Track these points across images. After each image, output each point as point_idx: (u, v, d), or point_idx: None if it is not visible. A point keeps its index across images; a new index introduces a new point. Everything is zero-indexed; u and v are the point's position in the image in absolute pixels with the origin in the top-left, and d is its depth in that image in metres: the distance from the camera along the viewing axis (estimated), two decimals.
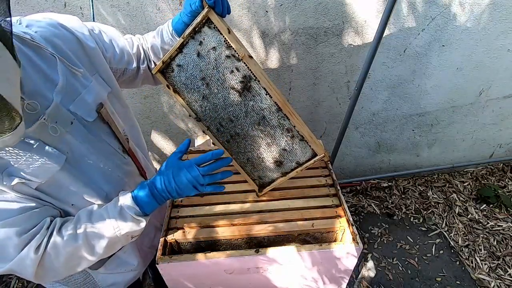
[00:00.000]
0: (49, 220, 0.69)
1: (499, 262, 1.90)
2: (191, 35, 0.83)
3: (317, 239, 1.00)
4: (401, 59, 1.78)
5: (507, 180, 2.42)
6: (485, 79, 1.94)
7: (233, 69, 0.84)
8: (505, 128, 2.28)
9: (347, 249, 0.90)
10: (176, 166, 0.78)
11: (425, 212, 2.23)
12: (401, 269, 1.90)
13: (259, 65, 0.85)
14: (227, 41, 0.81)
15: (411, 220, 2.20)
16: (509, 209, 2.20)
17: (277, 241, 0.99)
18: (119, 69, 0.89)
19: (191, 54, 0.86)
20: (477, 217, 2.16)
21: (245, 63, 0.82)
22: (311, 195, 1.07)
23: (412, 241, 2.06)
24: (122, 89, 0.93)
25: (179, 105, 1.83)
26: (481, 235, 2.05)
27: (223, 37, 0.81)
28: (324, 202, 1.04)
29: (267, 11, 1.52)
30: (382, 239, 2.08)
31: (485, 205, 2.24)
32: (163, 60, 0.88)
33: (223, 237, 0.94)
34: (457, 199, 2.30)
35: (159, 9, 1.47)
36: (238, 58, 0.82)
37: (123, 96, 0.91)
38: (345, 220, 0.97)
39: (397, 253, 1.99)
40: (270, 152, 0.96)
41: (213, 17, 0.78)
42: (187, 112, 0.98)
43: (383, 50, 1.72)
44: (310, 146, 0.91)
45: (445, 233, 2.09)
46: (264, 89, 0.84)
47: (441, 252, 1.99)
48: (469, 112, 2.12)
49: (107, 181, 0.81)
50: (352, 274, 1.13)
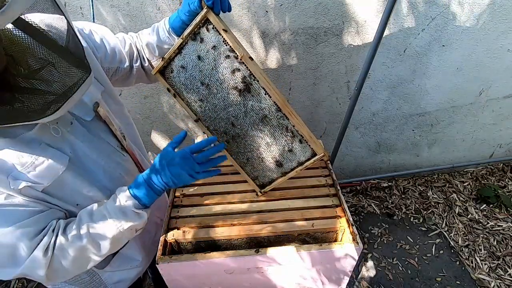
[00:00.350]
0: (55, 222, 0.70)
1: (499, 262, 1.90)
2: (190, 35, 0.83)
3: (317, 239, 1.00)
4: (401, 59, 1.78)
5: (507, 180, 2.42)
6: (485, 79, 1.94)
7: (232, 69, 0.84)
8: (505, 128, 2.28)
9: (347, 249, 0.90)
10: (170, 156, 0.77)
11: (425, 212, 2.23)
12: (401, 269, 1.90)
13: (258, 65, 0.85)
14: (226, 41, 0.81)
15: (411, 220, 2.19)
16: (509, 209, 2.20)
17: (277, 241, 0.99)
18: (111, 68, 0.88)
19: (190, 54, 0.86)
20: (477, 217, 2.16)
21: (244, 63, 0.82)
22: (311, 195, 1.07)
23: (412, 241, 2.06)
24: (118, 88, 0.94)
25: (179, 105, 1.84)
26: (481, 235, 2.05)
27: (222, 37, 0.81)
28: (324, 202, 1.04)
29: (267, 11, 1.52)
30: (382, 239, 2.08)
31: (485, 205, 2.24)
32: (163, 61, 0.88)
33: (223, 237, 0.94)
34: (457, 199, 2.30)
35: (159, 9, 1.47)
36: (237, 58, 0.82)
37: (116, 94, 0.92)
38: (345, 220, 0.97)
39: (397, 253, 1.99)
40: (270, 152, 0.96)
41: (212, 17, 0.78)
42: (187, 113, 0.97)
43: (383, 50, 1.72)
44: (309, 145, 0.91)
45: (445, 233, 2.09)
46: (263, 89, 0.84)
47: (441, 252, 1.98)
48: (469, 112, 2.12)
49: (110, 179, 0.82)
50: (352, 274, 1.13)
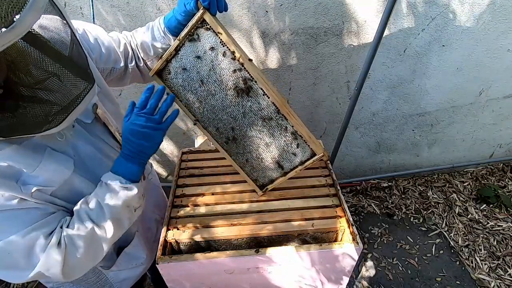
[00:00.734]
0: (63, 220, 0.71)
1: (499, 262, 1.90)
2: (187, 37, 0.83)
3: (317, 239, 1.00)
4: (401, 59, 1.78)
5: (507, 180, 2.42)
6: (485, 79, 1.94)
7: (229, 70, 0.84)
8: (505, 128, 2.28)
9: (347, 249, 0.90)
10: (127, 126, 0.76)
11: (425, 212, 2.23)
12: (401, 269, 1.90)
13: (256, 66, 0.85)
14: (223, 42, 0.81)
15: (411, 220, 2.19)
16: (509, 209, 2.20)
17: (277, 241, 0.99)
18: (106, 68, 0.88)
19: (187, 56, 0.86)
20: (477, 217, 2.16)
21: (241, 64, 0.82)
22: (311, 195, 1.07)
23: (412, 241, 2.06)
24: (118, 88, 0.94)
25: (178, 105, 1.83)
26: (481, 235, 2.05)
27: (219, 38, 0.81)
28: (324, 202, 1.04)
29: (267, 11, 1.52)
30: (382, 239, 2.08)
31: (485, 205, 2.24)
32: (160, 62, 0.88)
33: (223, 237, 0.95)
34: (457, 199, 2.30)
35: (159, 9, 1.47)
36: (234, 59, 0.82)
37: (112, 94, 0.92)
38: (345, 220, 0.97)
39: (397, 253, 1.99)
40: (269, 153, 0.96)
41: (209, 18, 0.78)
42: (187, 115, 0.97)
43: (383, 50, 1.72)
44: (308, 145, 0.91)
45: (445, 233, 2.09)
46: (262, 89, 0.84)
47: (441, 252, 1.98)
48: (469, 112, 2.12)
49: None
50: (352, 274, 1.13)
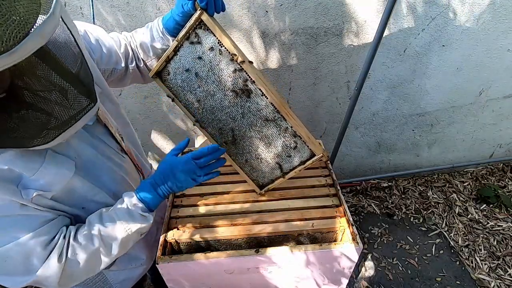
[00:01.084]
0: (65, 228, 0.71)
1: (499, 262, 1.90)
2: (185, 37, 0.83)
3: (317, 239, 1.00)
4: (401, 59, 1.78)
5: (507, 180, 2.42)
6: (485, 79, 1.94)
7: (228, 70, 0.84)
8: (505, 128, 2.28)
9: (347, 249, 0.90)
10: (174, 162, 0.80)
11: (425, 212, 2.23)
12: (401, 269, 1.90)
13: (254, 66, 0.85)
14: (220, 42, 0.81)
15: (411, 220, 2.19)
16: (509, 209, 2.20)
17: (277, 241, 0.99)
18: (107, 69, 0.88)
19: (186, 56, 0.86)
20: (477, 217, 2.16)
21: (240, 64, 0.82)
22: (311, 195, 1.07)
23: (412, 241, 2.06)
24: (118, 88, 0.94)
25: (179, 108, 1.84)
26: (481, 235, 2.05)
27: (217, 39, 0.81)
28: (324, 202, 1.04)
29: (267, 11, 1.52)
30: (382, 239, 2.08)
31: (485, 205, 2.24)
32: (159, 63, 0.88)
33: (223, 237, 0.94)
34: (457, 199, 2.30)
35: (159, 9, 1.47)
36: (233, 60, 0.82)
37: (112, 94, 0.92)
38: (345, 220, 0.97)
39: (397, 253, 1.99)
40: (268, 153, 0.96)
41: (206, 19, 0.78)
42: (187, 116, 0.97)
43: (383, 50, 1.72)
44: (308, 146, 0.91)
45: (445, 233, 2.09)
46: (260, 90, 0.84)
47: (441, 252, 1.98)
48: (469, 112, 2.12)
49: (113, 181, 0.82)
50: (352, 274, 1.13)
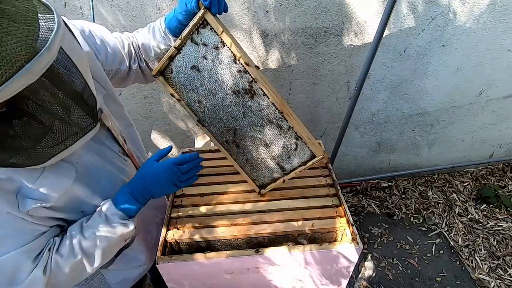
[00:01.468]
0: (52, 240, 0.70)
1: (499, 262, 1.90)
2: (188, 36, 0.83)
3: (317, 239, 1.00)
4: (401, 59, 1.78)
5: (507, 180, 2.42)
6: (485, 79, 1.94)
7: (230, 70, 0.84)
8: (505, 128, 2.28)
9: (347, 249, 0.90)
10: (154, 167, 0.79)
11: (425, 212, 2.23)
12: (401, 269, 1.90)
13: (257, 66, 0.85)
14: (223, 42, 0.81)
15: (411, 220, 2.19)
16: (509, 209, 2.20)
17: (277, 241, 0.99)
18: (111, 70, 0.87)
19: (189, 55, 0.86)
20: (477, 217, 2.16)
21: (242, 64, 0.82)
22: (311, 195, 1.07)
23: (412, 241, 2.06)
24: (118, 88, 0.93)
25: (179, 105, 1.84)
26: (481, 235, 2.05)
27: (220, 38, 0.81)
28: (324, 202, 1.04)
29: (267, 11, 1.52)
30: (382, 239, 2.08)
31: (485, 205, 2.24)
32: (162, 61, 0.88)
33: (223, 237, 0.94)
34: (457, 199, 2.30)
35: (159, 9, 1.47)
36: (235, 59, 0.82)
37: (117, 95, 0.91)
38: (345, 220, 0.97)
39: (397, 253, 1.99)
40: (269, 153, 0.96)
41: (209, 18, 0.78)
42: (189, 114, 0.97)
43: (383, 50, 1.72)
44: (308, 147, 0.91)
45: (445, 233, 2.09)
46: (262, 90, 0.84)
47: (441, 252, 1.98)
48: (469, 112, 2.12)
49: (113, 185, 0.82)
50: (352, 274, 1.13)
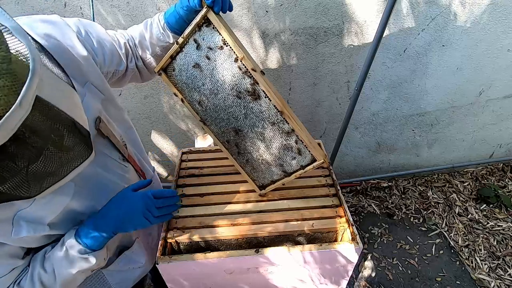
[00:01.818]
0: (20, 275, 0.68)
1: (499, 262, 1.90)
2: (190, 34, 0.83)
3: (317, 239, 1.00)
4: (401, 59, 1.78)
5: (507, 180, 2.42)
6: (485, 79, 1.94)
7: (232, 70, 0.84)
8: (505, 128, 2.28)
9: (347, 249, 0.90)
10: (128, 195, 0.76)
11: (425, 212, 2.23)
12: (401, 269, 1.90)
13: (258, 67, 0.84)
14: (226, 42, 0.80)
15: (411, 220, 2.20)
16: (509, 209, 2.20)
17: (277, 241, 0.99)
18: (109, 71, 0.84)
19: (191, 54, 0.85)
20: (477, 217, 2.16)
21: (244, 64, 0.81)
22: (311, 195, 1.07)
23: (412, 241, 2.06)
24: (118, 89, 0.91)
25: (179, 105, 1.84)
26: (481, 235, 2.05)
27: (222, 38, 0.80)
28: (324, 202, 1.04)
29: (267, 11, 1.52)
30: (382, 239, 2.08)
31: (485, 205, 2.24)
32: (165, 59, 0.88)
33: (223, 237, 0.94)
34: (457, 199, 2.30)
35: (159, 9, 1.47)
36: (237, 60, 0.81)
37: (115, 98, 0.88)
38: (345, 220, 0.97)
39: (397, 253, 1.99)
40: (269, 155, 0.96)
41: (212, 17, 0.77)
42: (191, 114, 0.97)
43: (383, 50, 1.72)
44: (309, 151, 0.90)
45: (445, 233, 2.09)
46: (263, 91, 0.84)
47: (441, 252, 1.99)
48: (469, 112, 2.12)
49: (114, 193, 0.79)
50: (352, 274, 1.13)
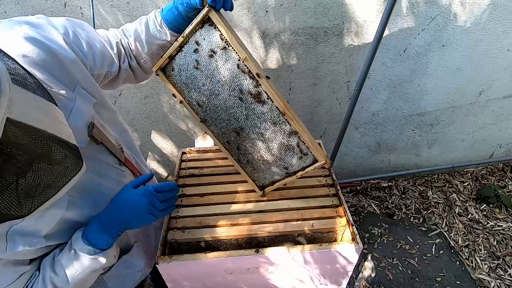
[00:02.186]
0: (28, 282, 0.68)
1: (499, 262, 1.90)
2: (191, 34, 0.82)
3: (317, 239, 1.00)
4: (401, 59, 1.78)
5: (507, 180, 2.42)
6: (485, 79, 1.94)
7: (233, 71, 0.83)
8: (505, 128, 2.28)
9: (347, 249, 0.90)
10: (131, 193, 0.75)
11: (425, 212, 2.23)
12: (401, 269, 1.90)
13: (260, 68, 0.84)
14: (227, 42, 0.79)
15: (411, 220, 2.19)
16: (509, 209, 2.20)
17: (277, 241, 0.99)
18: (101, 74, 0.80)
19: (191, 53, 0.84)
20: (477, 217, 2.16)
21: (245, 65, 0.81)
22: (311, 195, 1.07)
23: (412, 241, 2.06)
24: (118, 89, 0.89)
25: (179, 105, 1.84)
26: (481, 235, 2.05)
27: (224, 37, 0.79)
28: (324, 202, 1.04)
29: (267, 11, 1.52)
30: (382, 239, 2.08)
31: (485, 205, 2.24)
32: (163, 59, 0.87)
33: (223, 237, 0.94)
34: (457, 199, 2.30)
35: (159, 8, 1.47)
36: (239, 60, 0.81)
37: (108, 101, 0.85)
38: (345, 220, 0.97)
39: (397, 253, 1.99)
40: (270, 156, 0.96)
41: (214, 16, 0.77)
42: (191, 114, 0.97)
43: (383, 50, 1.72)
44: (311, 152, 0.90)
45: (445, 233, 2.09)
46: (265, 93, 0.83)
47: (441, 252, 1.98)
48: (469, 112, 2.12)
49: (110, 199, 0.78)
50: (352, 274, 1.13)
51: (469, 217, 2.17)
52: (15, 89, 0.45)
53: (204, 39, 0.82)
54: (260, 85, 0.82)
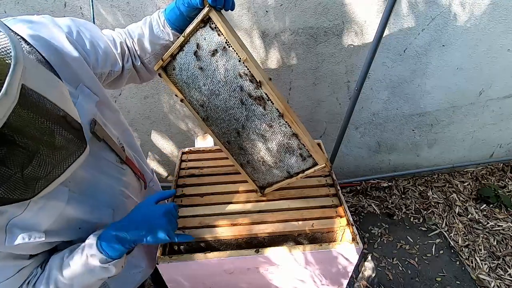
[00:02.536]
0: (35, 271, 0.68)
1: (499, 262, 1.90)
2: (191, 33, 0.81)
3: (317, 239, 1.00)
4: (401, 59, 1.78)
5: (507, 180, 2.42)
6: (485, 79, 1.94)
7: (234, 71, 0.83)
8: (505, 128, 2.28)
9: (347, 249, 0.90)
10: (152, 209, 0.75)
11: (425, 212, 2.23)
12: (401, 269, 1.90)
13: (261, 69, 0.83)
14: (228, 42, 0.79)
15: (411, 220, 2.19)
16: (509, 209, 2.20)
17: (277, 241, 0.99)
18: (103, 73, 0.80)
19: (192, 53, 0.84)
20: (477, 217, 2.16)
21: (246, 66, 0.80)
22: (311, 195, 1.07)
23: (412, 241, 2.06)
24: (118, 89, 0.89)
25: (179, 105, 1.84)
26: (481, 235, 2.05)
27: (224, 38, 0.79)
28: (324, 202, 1.04)
29: (267, 11, 1.52)
30: (382, 239, 2.08)
31: (485, 205, 2.24)
32: (164, 58, 0.87)
33: (223, 237, 0.95)
34: (457, 199, 2.30)
35: (159, 9, 1.46)
36: (239, 60, 0.80)
37: (111, 101, 0.85)
38: (345, 220, 0.97)
39: (397, 253, 1.99)
40: (270, 157, 0.96)
41: (214, 16, 0.76)
42: (192, 113, 0.96)
43: (383, 50, 1.72)
44: (311, 155, 0.89)
45: (445, 233, 2.09)
46: (266, 94, 0.83)
47: (441, 252, 1.99)
48: (469, 112, 2.12)
49: (111, 196, 0.79)
50: (352, 274, 1.13)
51: (469, 217, 2.17)
52: (28, 59, 0.46)
53: (205, 39, 0.81)
54: (261, 86, 0.82)
